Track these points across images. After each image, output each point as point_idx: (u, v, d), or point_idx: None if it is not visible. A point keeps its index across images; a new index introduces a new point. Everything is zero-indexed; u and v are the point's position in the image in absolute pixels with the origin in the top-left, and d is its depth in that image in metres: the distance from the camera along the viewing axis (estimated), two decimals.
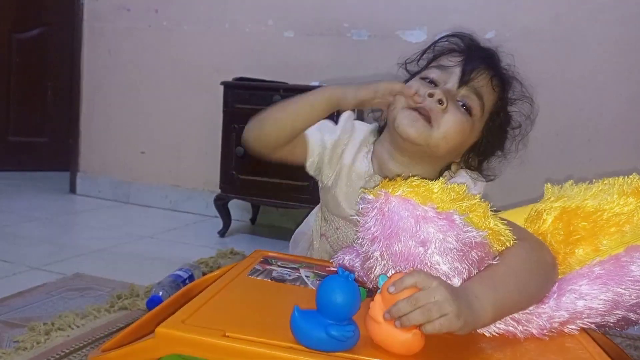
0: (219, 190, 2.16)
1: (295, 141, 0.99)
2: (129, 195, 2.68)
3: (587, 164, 2.02)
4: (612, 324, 0.68)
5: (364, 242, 0.65)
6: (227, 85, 2.10)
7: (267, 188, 2.06)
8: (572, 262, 0.72)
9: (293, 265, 0.87)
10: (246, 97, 2.08)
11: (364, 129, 1.02)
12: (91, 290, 1.39)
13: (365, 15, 2.22)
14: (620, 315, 0.66)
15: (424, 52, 0.97)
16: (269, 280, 0.78)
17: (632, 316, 0.67)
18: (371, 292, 0.75)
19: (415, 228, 0.60)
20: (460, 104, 0.87)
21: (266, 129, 0.97)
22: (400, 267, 0.62)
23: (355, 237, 0.69)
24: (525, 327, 0.65)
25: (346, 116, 1.02)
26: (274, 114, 0.97)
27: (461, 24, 1.15)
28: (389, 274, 0.64)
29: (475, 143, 0.93)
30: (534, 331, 0.65)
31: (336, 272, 0.56)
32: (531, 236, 0.73)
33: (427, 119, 0.85)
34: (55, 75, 3.26)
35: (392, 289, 0.55)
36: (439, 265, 0.61)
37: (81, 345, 1.05)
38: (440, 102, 0.85)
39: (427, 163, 0.92)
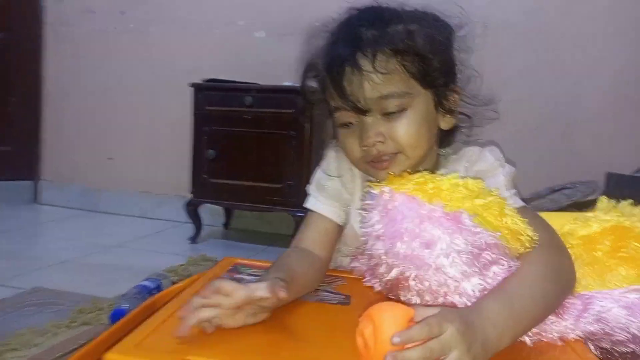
0: (190, 195, 2.09)
1: (317, 232, 0.85)
2: (97, 203, 2.58)
3: (565, 155, 2.02)
4: (617, 354, 0.64)
5: (369, 239, 0.61)
6: (197, 87, 2.03)
7: (239, 191, 2.00)
8: (608, 278, 0.67)
9: (263, 273, 0.81)
10: (217, 99, 2.01)
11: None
12: (52, 305, 1.30)
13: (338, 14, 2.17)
14: (631, 349, 0.62)
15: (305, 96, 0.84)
16: None
17: None
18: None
19: (420, 228, 0.56)
20: (392, 112, 0.73)
21: None
22: (404, 266, 0.58)
23: (360, 232, 0.64)
24: (537, 338, 0.61)
25: (331, 157, 0.90)
26: None
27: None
28: (393, 273, 0.59)
29: (437, 103, 0.79)
30: (544, 340, 0.62)
31: None
32: (551, 237, 0.66)
33: (388, 160, 0.75)
34: (19, 81, 3.12)
35: (396, 340, 0.48)
36: (445, 268, 0.56)
37: None
38: (377, 143, 0.74)
39: (422, 163, 0.81)
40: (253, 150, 1.98)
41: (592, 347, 0.63)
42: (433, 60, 0.74)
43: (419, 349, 0.47)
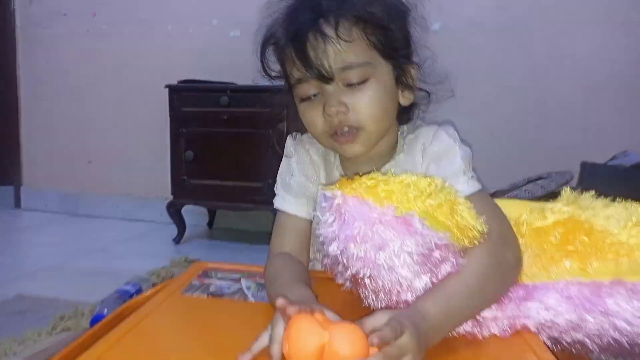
0: (171, 197, 2.10)
1: (295, 236, 0.85)
2: (77, 206, 2.58)
3: (536, 149, 2.05)
4: (566, 344, 0.66)
5: (325, 240, 0.62)
6: (172, 88, 2.03)
7: (220, 191, 2.01)
8: (553, 269, 0.69)
9: (234, 276, 0.84)
10: (193, 100, 2.02)
11: (313, 144, 0.88)
12: (33, 313, 1.31)
13: None
14: (577, 338, 0.65)
15: (262, 62, 0.82)
16: (205, 297, 0.74)
17: (589, 343, 0.65)
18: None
19: (371, 232, 0.58)
20: (354, 83, 0.73)
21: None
22: (358, 267, 0.59)
23: (317, 233, 0.65)
24: (487, 331, 0.64)
25: (289, 143, 0.90)
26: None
27: None
28: (348, 273, 0.61)
29: (397, 78, 0.78)
30: (496, 332, 0.64)
31: None
32: (499, 229, 0.67)
33: (351, 133, 0.74)
34: None
35: (374, 341, 0.50)
36: (397, 268, 0.58)
37: None
38: (340, 113, 0.73)
39: (382, 139, 0.81)
40: (231, 150, 1.99)
41: (543, 337, 0.65)
42: (393, 31, 0.75)
43: (380, 354, 0.49)
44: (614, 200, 0.75)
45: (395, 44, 0.75)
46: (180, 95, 2.02)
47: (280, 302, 0.55)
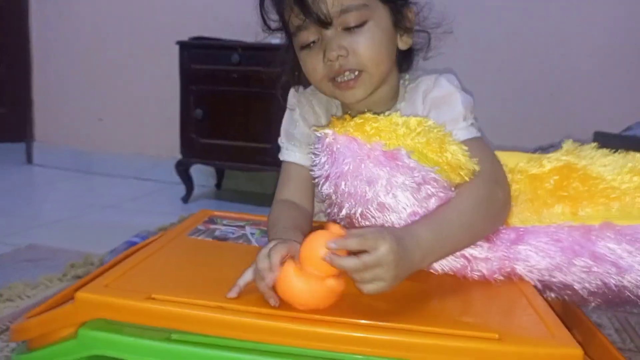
0: (180, 156, 2.11)
1: (299, 183, 0.86)
2: (91, 164, 2.60)
3: (554, 115, 2.03)
4: (556, 288, 0.67)
5: (319, 180, 0.65)
6: (182, 44, 2.02)
7: (229, 151, 2.02)
8: (545, 214, 0.70)
9: (239, 223, 0.85)
10: (203, 57, 2.01)
11: (315, 96, 0.90)
12: (45, 261, 1.35)
13: None
14: (566, 281, 0.66)
15: (263, 18, 0.84)
16: (210, 240, 0.76)
17: (578, 287, 0.66)
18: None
19: (360, 167, 0.60)
20: (352, 26, 0.74)
21: None
22: (350, 204, 0.62)
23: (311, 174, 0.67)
24: (476, 270, 0.65)
25: (292, 95, 0.93)
26: None
27: None
28: (343, 212, 0.63)
29: (395, 21, 0.79)
30: (485, 272, 0.65)
31: None
32: (491, 170, 0.69)
33: (353, 80, 0.75)
34: (7, 43, 3.09)
35: (332, 245, 0.51)
36: (385, 202, 0.60)
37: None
38: (340, 57, 0.74)
39: (383, 84, 0.82)
40: (241, 110, 1.99)
41: (533, 279, 0.66)
42: None
43: (354, 259, 0.52)
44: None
45: None
46: (191, 52, 2.01)
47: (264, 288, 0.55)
